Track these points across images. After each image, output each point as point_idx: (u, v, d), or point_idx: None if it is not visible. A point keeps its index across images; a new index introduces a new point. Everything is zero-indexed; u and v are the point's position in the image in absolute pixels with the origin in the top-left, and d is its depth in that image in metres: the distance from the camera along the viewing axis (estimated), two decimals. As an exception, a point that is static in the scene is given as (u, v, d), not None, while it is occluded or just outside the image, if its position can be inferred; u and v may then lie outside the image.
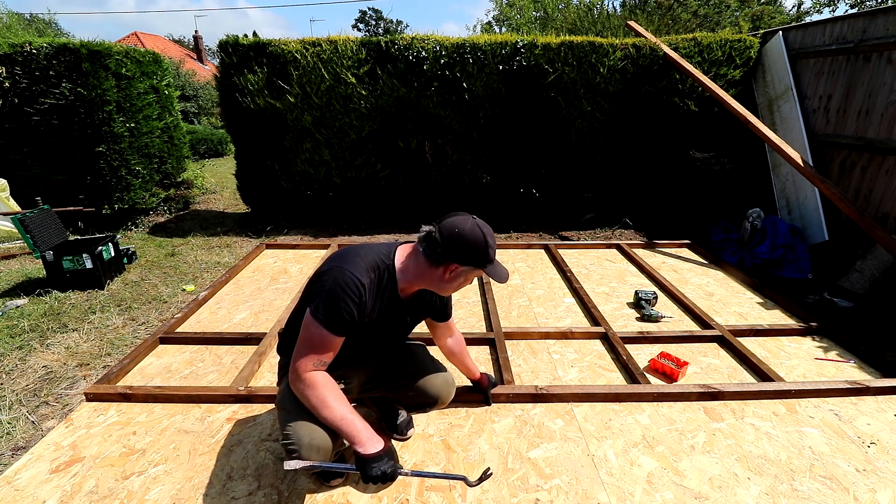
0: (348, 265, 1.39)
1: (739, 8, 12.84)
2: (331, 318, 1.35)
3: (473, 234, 1.41)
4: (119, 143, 4.91)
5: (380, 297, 1.45)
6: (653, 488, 1.69)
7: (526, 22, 14.39)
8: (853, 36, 4.05)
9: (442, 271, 1.44)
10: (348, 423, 1.37)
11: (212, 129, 12.41)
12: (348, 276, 1.37)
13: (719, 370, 2.46)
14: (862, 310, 3.24)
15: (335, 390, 1.40)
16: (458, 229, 1.40)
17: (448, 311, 1.80)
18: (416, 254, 1.48)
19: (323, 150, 4.99)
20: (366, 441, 1.36)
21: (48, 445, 1.89)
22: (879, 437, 1.95)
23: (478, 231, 1.42)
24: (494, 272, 1.46)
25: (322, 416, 1.37)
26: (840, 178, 4.18)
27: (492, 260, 1.46)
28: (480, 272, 1.47)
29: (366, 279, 1.39)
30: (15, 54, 4.49)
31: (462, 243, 1.40)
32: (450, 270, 1.44)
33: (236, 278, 3.66)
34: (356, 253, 1.46)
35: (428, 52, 4.69)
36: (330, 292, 1.35)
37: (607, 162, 5.19)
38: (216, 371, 2.42)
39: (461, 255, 1.41)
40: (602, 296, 3.35)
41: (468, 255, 1.41)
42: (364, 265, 1.41)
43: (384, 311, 1.49)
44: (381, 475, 1.35)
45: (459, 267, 1.43)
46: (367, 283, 1.39)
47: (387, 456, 1.38)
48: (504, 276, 1.47)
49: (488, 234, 1.44)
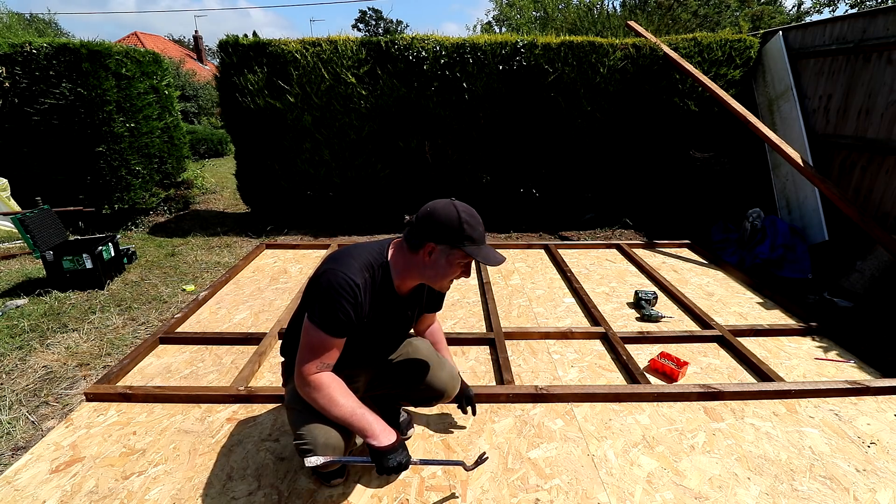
0: (342, 266, 1.38)
1: (739, 8, 12.84)
2: (328, 321, 1.35)
3: (446, 210, 1.38)
4: (119, 143, 4.91)
5: (376, 295, 1.45)
6: (653, 488, 1.69)
7: (526, 22, 14.39)
8: (853, 36, 4.05)
9: (422, 255, 1.41)
10: (359, 417, 1.39)
11: (212, 129, 12.41)
12: (342, 277, 1.36)
13: (719, 370, 2.46)
14: (862, 310, 3.24)
15: (342, 387, 1.41)
16: (431, 208, 1.39)
17: (439, 306, 1.82)
18: (401, 244, 1.48)
19: (323, 150, 4.99)
20: (378, 433, 1.39)
21: (48, 445, 1.89)
22: (879, 437, 1.95)
23: (451, 208, 1.38)
24: (479, 252, 1.40)
25: (332, 415, 1.39)
26: (840, 178, 4.18)
27: (472, 239, 1.39)
28: (460, 252, 1.39)
29: (360, 279, 1.38)
30: (15, 54, 4.49)
31: (434, 219, 1.38)
32: (427, 251, 1.40)
33: (236, 278, 3.66)
34: (350, 253, 1.44)
35: (428, 52, 4.69)
36: (325, 296, 1.35)
37: (607, 162, 5.19)
38: (216, 371, 2.42)
39: (434, 232, 1.38)
40: (602, 296, 3.35)
41: (441, 232, 1.38)
42: (358, 265, 1.40)
43: (383, 309, 1.49)
44: (397, 465, 1.37)
45: (436, 246, 1.39)
46: (361, 282, 1.38)
47: (401, 447, 1.41)
48: (494, 258, 1.41)
49: (464, 211, 1.40)
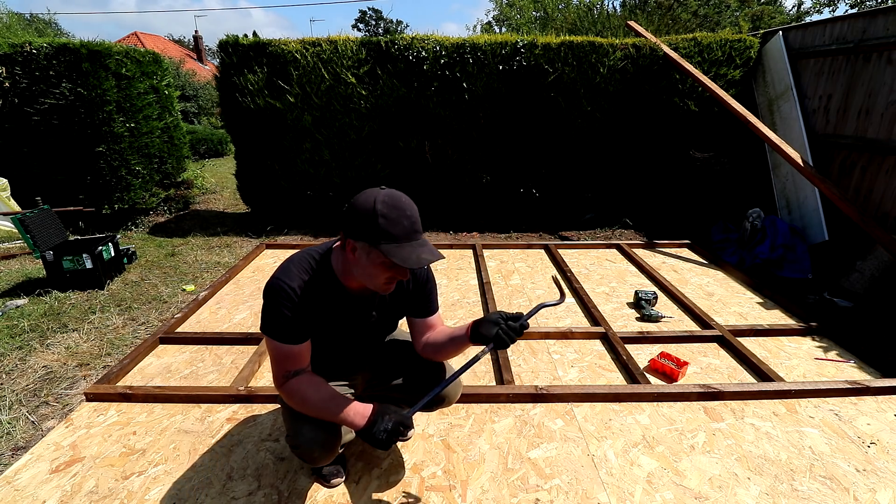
0: (280, 273, 1.36)
1: (739, 8, 12.84)
2: (272, 328, 1.35)
3: (364, 201, 1.22)
4: (119, 143, 4.91)
5: (321, 294, 1.39)
6: (653, 488, 1.69)
7: (526, 22, 14.38)
8: (853, 36, 4.05)
9: (349, 251, 1.30)
10: (331, 411, 1.35)
11: (212, 129, 12.40)
12: (277, 283, 1.34)
13: (719, 370, 2.46)
14: (862, 310, 3.24)
15: (313, 387, 1.38)
16: (353, 201, 1.26)
17: (430, 306, 1.59)
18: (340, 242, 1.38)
19: (323, 150, 4.99)
20: (352, 418, 1.34)
21: (48, 445, 1.89)
22: (879, 437, 1.95)
23: (369, 198, 1.22)
24: (396, 253, 1.20)
25: (310, 413, 1.38)
26: (840, 178, 4.18)
27: (392, 236, 1.20)
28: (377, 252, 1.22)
29: (295, 282, 1.34)
30: (15, 54, 4.49)
31: (350, 212, 1.25)
32: (349, 247, 1.29)
33: (236, 278, 3.66)
34: (291, 259, 1.41)
35: (428, 52, 4.69)
36: (265, 304, 1.36)
37: (607, 162, 5.19)
38: (216, 371, 2.42)
39: (351, 226, 1.25)
40: (602, 296, 3.35)
41: (357, 227, 1.24)
42: (296, 269, 1.37)
43: (335, 308, 1.43)
44: (385, 435, 1.31)
45: (355, 242, 1.27)
46: (297, 285, 1.34)
47: (378, 416, 1.33)
48: (415, 259, 1.20)
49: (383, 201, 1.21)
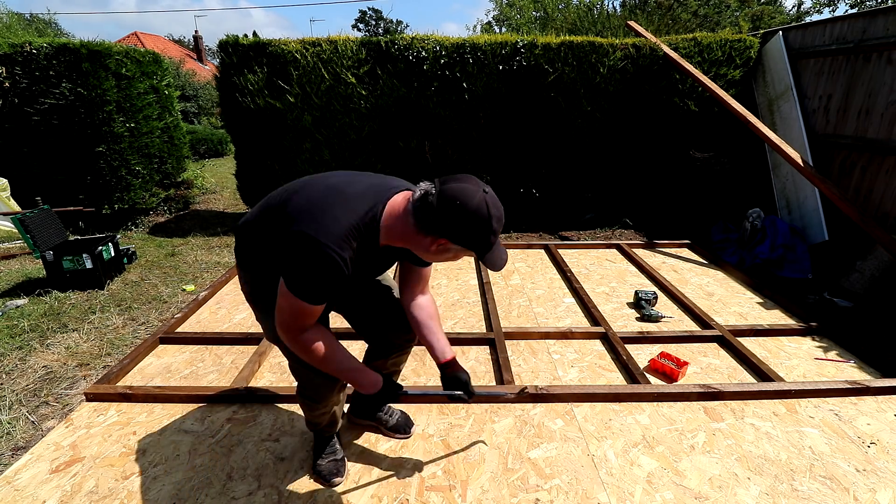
0: (324, 233, 1.19)
1: (739, 8, 12.84)
2: (307, 292, 1.24)
3: (479, 213, 1.19)
4: (119, 143, 4.91)
5: (362, 256, 1.31)
6: (653, 488, 1.69)
7: (526, 22, 14.38)
8: (853, 36, 4.05)
9: (429, 242, 1.25)
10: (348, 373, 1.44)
11: (212, 129, 12.41)
12: (327, 253, 1.18)
13: (719, 370, 2.46)
14: (862, 310, 3.24)
15: (329, 346, 1.36)
16: (461, 202, 1.18)
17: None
18: (406, 214, 1.26)
19: (323, 150, 4.99)
20: (366, 384, 1.45)
21: (48, 445, 1.89)
22: (879, 437, 1.95)
23: (484, 210, 1.19)
24: (491, 259, 1.26)
25: (322, 368, 1.41)
26: (840, 178, 4.18)
27: (491, 245, 1.25)
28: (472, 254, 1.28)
29: (347, 252, 1.21)
30: (15, 54, 4.49)
31: (461, 221, 1.19)
32: (438, 244, 1.25)
33: (236, 278, 3.65)
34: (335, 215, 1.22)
35: (428, 52, 4.69)
36: (304, 266, 1.20)
37: (607, 162, 5.19)
38: (216, 371, 2.42)
39: (456, 233, 1.21)
40: (602, 296, 3.35)
41: (464, 236, 1.22)
42: (346, 235, 1.21)
43: (364, 263, 1.37)
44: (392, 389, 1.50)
45: (450, 244, 1.24)
46: (348, 256, 1.21)
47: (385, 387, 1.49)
48: (500, 262, 1.28)
49: (496, 215, 1.22)
